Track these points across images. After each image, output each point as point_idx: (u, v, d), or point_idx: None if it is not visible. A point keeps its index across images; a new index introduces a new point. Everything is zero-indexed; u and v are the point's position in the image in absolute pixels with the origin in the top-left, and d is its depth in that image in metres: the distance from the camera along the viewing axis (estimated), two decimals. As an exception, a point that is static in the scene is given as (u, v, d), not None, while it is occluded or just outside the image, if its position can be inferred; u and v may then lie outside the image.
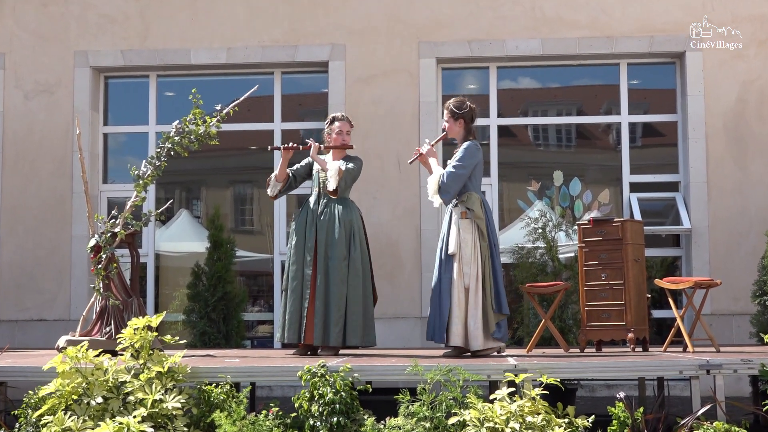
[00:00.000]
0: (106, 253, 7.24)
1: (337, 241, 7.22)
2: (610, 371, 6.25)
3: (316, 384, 5.60)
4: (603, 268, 7.78)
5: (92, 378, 5.60)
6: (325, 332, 7.15)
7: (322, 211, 7.35)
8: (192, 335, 10.20)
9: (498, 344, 6.91)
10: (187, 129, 7.40)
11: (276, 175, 7.52)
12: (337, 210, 7.31)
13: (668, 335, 7.96)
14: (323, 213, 7.33)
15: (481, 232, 6.89)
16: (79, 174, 10.58)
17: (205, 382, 5.74)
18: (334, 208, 7.32)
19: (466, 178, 6.95)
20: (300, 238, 7.36)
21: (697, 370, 5.92)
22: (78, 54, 11.20)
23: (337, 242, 7.22)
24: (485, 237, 6.88)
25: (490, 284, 6.85)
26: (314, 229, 7.32)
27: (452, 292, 6.85)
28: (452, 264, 6.89)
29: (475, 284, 6.84)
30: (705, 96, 10.67)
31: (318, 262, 7.25)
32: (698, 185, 10.56)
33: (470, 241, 6.87)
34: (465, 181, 6.95)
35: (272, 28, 11.10)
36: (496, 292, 6.88)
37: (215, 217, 10.64)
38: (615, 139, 11.23)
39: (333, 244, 7.23)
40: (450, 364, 5.72)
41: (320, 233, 7.28)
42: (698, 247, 10.48)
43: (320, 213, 7.35)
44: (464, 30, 10.93)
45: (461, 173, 6.93)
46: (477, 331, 6.80)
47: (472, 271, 6.84)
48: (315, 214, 7.36)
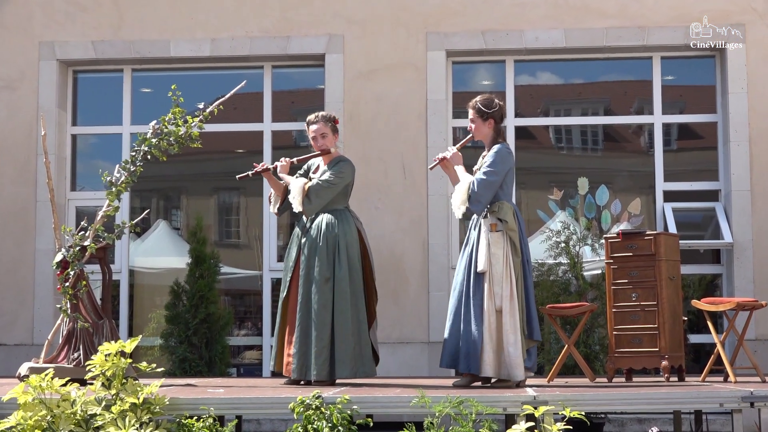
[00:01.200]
0: (74, 269, 7.24)
1: (319, 260, 7.23)
2: (642, 403, 6.24)
3: (309, 417, 5.60)
4: (633, 288, 7.78)
5: (58, 410, 5.59)
6: (304, 365, 7.14)
7: (308, 226, 7.38)
8: (171, 362, 10.19)
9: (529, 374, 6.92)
10: (166, 130, 7.41)
11: (272, 193, 7.65)
12: (325, 224, 7.32)
13: (707, 363, 7.95)
14: (308, 229, 7.37)
15: (514, 246, 6.85)
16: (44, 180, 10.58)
17: (186, 415, 5.73)
18: (321, 223, 7.34)
19: (498, 185, 6.92)
20: (287, 256, 7.46)
21: (740, 402, 5.90)
22: (43, 45, 11.22)
23: (319, 262, 7.22)
24: (518, 252, 6.86)
25: (523, 306, 6.83)
26: (298, 246, 7.37)
27: (483, 315, 6.80)
28: (482, 283, 6.85)
29: (509, 305, 6.79)
30: (748, 93, 10.67)
31: (299, 284, 7.27)
32: (741, 194, 10.56)
33: (501, 257, 6.83)
34: (497, 189, 6.93)
35: (262, 17, 11.13)
36: (528, 315, 6.86)
37: (197, 228, 10.64)
38: (647, 141, 11.23)
39: (314, 265, 7.24)
40: (461, 395, 5.72)
41: (304, 251, 7.32)
42: (741, 264, 10.47)
43: (308, 228, 7.38)
44: (477, 19, 10.95)
45: (493, 180, 6.90)
46: (518, 359, 6.75)
47: (505, 291, 6.80)
48: (303, 229, 7.41)
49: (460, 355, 6.86)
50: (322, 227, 7.30)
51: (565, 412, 5.68)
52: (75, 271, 7.25)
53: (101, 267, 7.67)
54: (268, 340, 10.87)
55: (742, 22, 10.69)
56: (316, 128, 7.48)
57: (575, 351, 7.93)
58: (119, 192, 7.40)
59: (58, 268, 7.33)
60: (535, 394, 5.89)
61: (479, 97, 7.13)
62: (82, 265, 7.29)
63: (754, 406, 5.90)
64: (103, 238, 7.38)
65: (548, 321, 9.19)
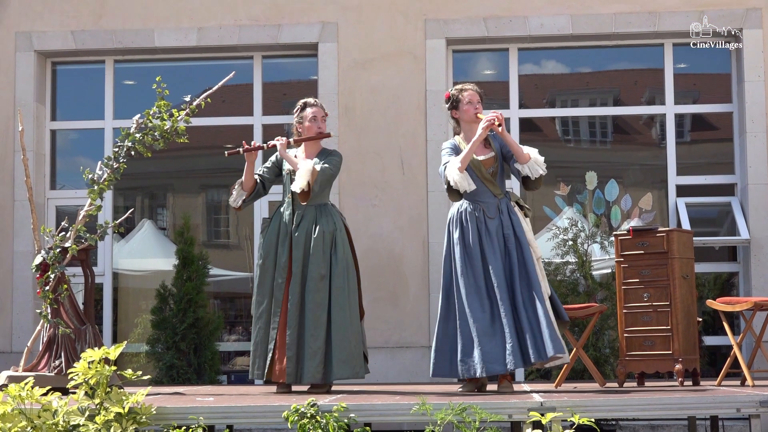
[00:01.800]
0: (55, 272, 7.25)
1: (314, 257, 7.25)
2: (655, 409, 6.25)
3: (304, 426, 5.61)
4: (645, 287, 7.79)
5: (39, 421, 5.60)
6: (298, 367, 7.17)
7: (298, 222, 7.38)
8: (158, 369, 10.21)
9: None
10: (151, 124, 7.42)
11: (242, 182, 7.55)
12: (315, 219, 7.34)
13: (723, 366, 7.97)
14: (298, 225, 7.37)
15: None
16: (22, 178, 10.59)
17: (173, 425, 5.74)
18: (311, 217, 7.35)
19: None
20: (270, 256, 7.41)
21: (758, 407, 5.92)
22: (20, 36, 11.22)
23: (314, 259, 7.25)
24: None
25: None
26: (287, 244, 7.36)
27: (544, 297, 7.07)
28: (534, 267, 7.10)
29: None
30: (765, 82, 10.69)
31: (292, 284, 7.29)
32: (758, 188, 10.57)
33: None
34: None
35: (251, 4, 11.13)
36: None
37: (184, 228, 10.66)
38: (659, 133, 11.26)
39: (309, 262, 7.26)
40: (464, 402, 5.74)
41: (295, 249, 7.33)
42: (758, 262, 10.50)
43: (295, 225, 7.38)
44: (479, 5, 10.96)
45: None
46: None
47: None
48: (288, 227, 7.40)
49: (528, 347, 6.94)
50: (314, 222, 7.33)
51: (574, 419, 5.70)
52: (55, 274, 7.26)
53: (83, 269, 7.68)
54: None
55: (759, 6, 10.71)
56: (316, 110, 7.50)
57: (584, 354, 7.95)
58: (102, 190, 7.41)
59: (38, 271, 7.34)
60: (542, 400, 5.90)
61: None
62: (63, 268, 7.30)
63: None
64: (84, 239, 7.39)
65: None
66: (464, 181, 6.94)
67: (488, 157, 7.18)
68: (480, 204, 7.11)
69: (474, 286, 7.00)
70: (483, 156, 7.16)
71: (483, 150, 7.18)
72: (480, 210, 7.10)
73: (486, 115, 7.08)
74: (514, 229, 7.10)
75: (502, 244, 7.07)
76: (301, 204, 7.33)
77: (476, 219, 7.10)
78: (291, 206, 7.44)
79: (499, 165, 7.21)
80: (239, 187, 7.57)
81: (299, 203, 7.34)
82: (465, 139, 7.19)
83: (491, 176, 7.14)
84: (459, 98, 7.24)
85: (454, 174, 6.93)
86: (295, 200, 7.38)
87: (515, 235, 7.08)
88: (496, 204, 7.12)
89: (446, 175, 7.01)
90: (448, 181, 7.00)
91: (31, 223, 7.79)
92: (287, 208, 7.46)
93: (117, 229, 7.77)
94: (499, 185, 7.16)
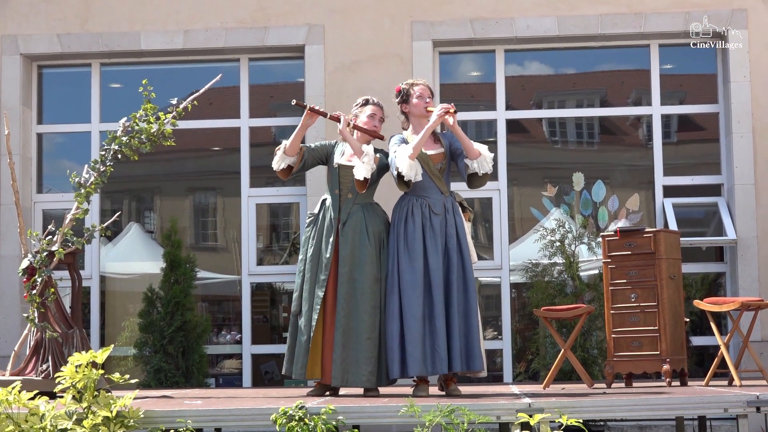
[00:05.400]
0: (42, 276, 7.24)
1: (366, 258, 7.02)
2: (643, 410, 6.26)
3: (293, 429, 5.61)
4: (632, 288, 7.81)
5: (26, 425, 5.59)
6: (346, 371, 6.96)
7: (346, 218, 7.12)
8: (145, 373, 10.19)
9: None
10: (137, 127, 7.41)
11: (287, 144, 7.22)
12: (365, 217, 7.11)
13: (711, 366, 7.99)
14: (347, 221, 7.11)
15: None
16: (8, 182, 10.57)
17: (161, 429, 5.74)
18: (359, 217, 7.11)
19: None
20: (315, 251, 7.15)
21: (746, 407, 5.93)
22: (5, 39, 11.19)
23: (367, 260, 7.02)
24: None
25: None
26: (333, 240, 7.09)
27: (477, 309, 7.00)
28: (470, 274, 7.01)
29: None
30: (751, 82, 10.71)
31: (340, 284, 7.03)
32: (744, 188, 10.60)
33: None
34: None
35: (237, 7, 11.12)
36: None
37: (171, 231, 10.64)
38: (645, 134, 11.28)
39: (361, 263, 7.02)
40: (452, 403, 5.74)
41: (343, 248, 7.06)
42: (745, 262, 10.52)
43: (343, 221, 7.12)
44: (465, 7, 10.97)
45: None
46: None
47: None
48: (334, 223, 7.13)
49: (456, 355, 6.88)
50: (364, 222, 7.09)
51: (563, 420, 5.71)
52: (42, 278, 7.24)
53: (70, 273, 7.67)
54: (248, 348, 10.88)
55: (744, 7, 10.73)
56: (376, 109, 7.36)
57: (572, 355, 7.96)
58: (88, 194, 7.40)
59: (25, 274, 7.33)
60: (530, 401, 5.91)
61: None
62: (50, 272, 7.28)
63: (760, 411, 5.93)
64: (71, 243, 7.37)
65: (543, 324, 9.21)
66: (412, 169, 6.87)
67: (437, 152, 7.12)
68: (426, 199, 7.04)
69: (413, 282, 6.94)
70: (432, 151, 7.10)
71: (432, 145, 7.12)
72: (426, 205, 7.02)
73: (436, 109, 7.07)
74: (457, 230, 7.02)
75: (443, 243, 7.00)
76: (348, 199, 7.15)
77: (422, 214, 7.03)
78: (338, 200, 7.18)
79: (447, 163, 7.15)
80: (282, 151, 7.24)
81: (347, 200, 7.14)
82: (414, 133, 7.14)
83: (439, 172, 7.08)
84: (410, 92, 7.22)
85: (404, 161, 6.85)
86: (342, 197, 7.16)
87: (457, 237, 7.01)
88: (443, 201, 7.06)
89: (395, 163, 6.93)
90: (397, 168, 6.91)
91: (18, 227, 7.77)
92: (334, 203, 7.19)
93: (104, 233, 7.74)
94: (445, 182, 7.11)
